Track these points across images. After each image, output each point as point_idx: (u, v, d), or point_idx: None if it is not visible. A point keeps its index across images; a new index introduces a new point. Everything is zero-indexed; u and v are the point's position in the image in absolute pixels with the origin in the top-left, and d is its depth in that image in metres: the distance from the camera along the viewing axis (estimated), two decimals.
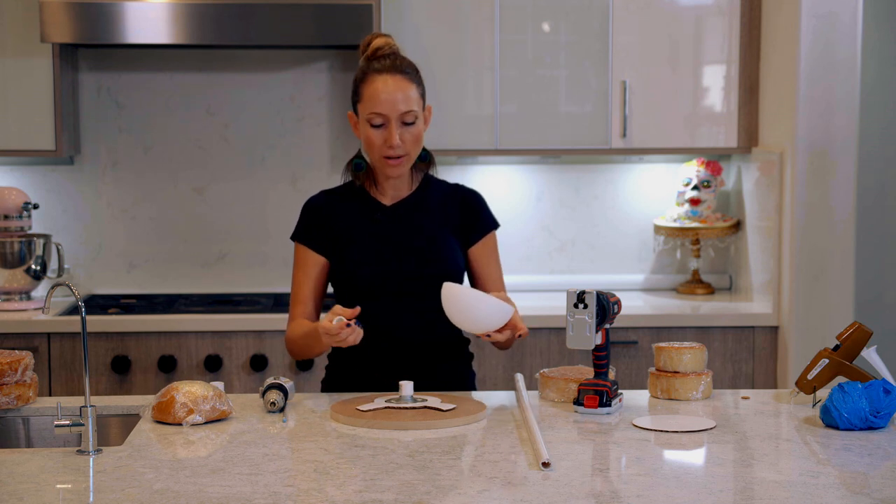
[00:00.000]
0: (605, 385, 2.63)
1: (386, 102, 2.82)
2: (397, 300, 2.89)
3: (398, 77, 2.84)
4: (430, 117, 2.93)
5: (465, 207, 2.98)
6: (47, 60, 4.24)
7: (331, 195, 3.00)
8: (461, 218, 2.97)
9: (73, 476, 2.19)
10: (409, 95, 2.84)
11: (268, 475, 2.18)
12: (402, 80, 2.84)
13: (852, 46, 4.07)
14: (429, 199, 2.96)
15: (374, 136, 2.85)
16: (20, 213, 4.30)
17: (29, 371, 2.70)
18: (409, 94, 2.84)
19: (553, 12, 4.37)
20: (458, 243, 2.95)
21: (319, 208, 2.97)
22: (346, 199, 2.97)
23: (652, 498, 2.05)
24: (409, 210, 2.94)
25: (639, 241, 4.73)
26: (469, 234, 2.97)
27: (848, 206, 4.11)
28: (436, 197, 2.97)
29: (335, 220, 2.94)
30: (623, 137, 4.38)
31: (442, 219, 2.95)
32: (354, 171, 2.96)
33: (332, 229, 2.93)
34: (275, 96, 4.59)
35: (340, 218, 2.94)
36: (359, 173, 2.96)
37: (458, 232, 2.95)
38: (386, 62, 2.86)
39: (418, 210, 2.94)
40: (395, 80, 2.84)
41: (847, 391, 2.48)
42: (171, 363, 4.08)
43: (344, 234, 2.92)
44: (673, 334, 4.16)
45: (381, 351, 2.90)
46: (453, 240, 2.94)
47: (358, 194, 2.96)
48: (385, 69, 2.85)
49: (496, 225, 3.01)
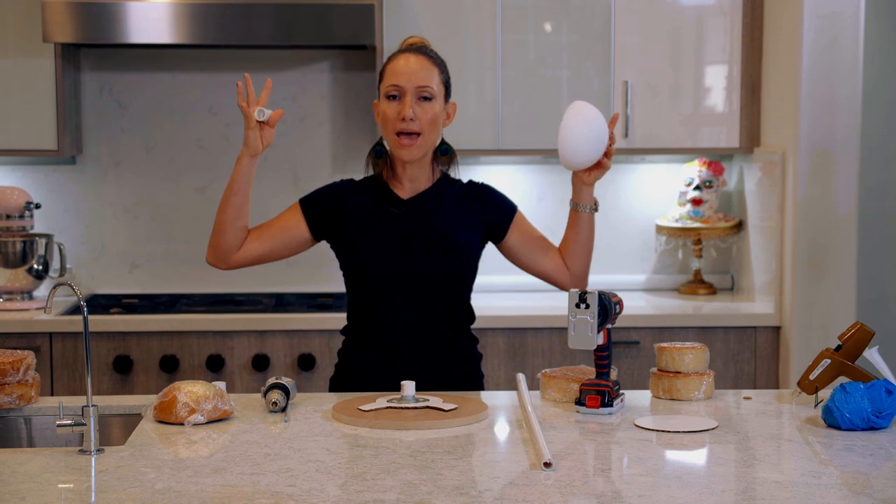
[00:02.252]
0: (607, 385, 2.63)
1: (403, 74, 2.84)
2: (410, 294, 2.88)
3: (421, 57, 2.88)
4: (453, 114, 2.94)
5: (482, 204, 2.97)
6: (49, 60, 4.24)
7: (356, 185, 2.99)
8: (482, 216, 2.96)
9: (75, 476, 2.19)
10: (428, 73, 2.86)
11: (269, 475, 2.18)
12: (425, 60, 2.88)
13: (854, 46, 4.07)
14: (447, 194, 2.95)
15: (389, 109, 2.85)
16: (22, 213, 4.31)
17: (31, 371, 2.70)
18: (429, 73, 2.86)
19: (555, 12, 4.37)
20: (478, 240, 2.94)
21: (341, 194, 2.96)
22: (365, 191, 2.96)
23: (653, 498, 2.05)
24: (427, 204, 2.93)
25: (641, 241, 4.73)
26: (497, 229, 2.97)
27: (850, 206, 4.11)
28: (453, 193, 2.96)
29: (350, 210, 2.93)
30: (625, 137, 4.38)
31: (459, 215, 2.94)
32: (375, 157, 2.96)
33: (343, 220, 2.92)
34: (277, 96, 4.59)
35: (356, 208, 2.93)
36: (378, 160, 2.96)
37: (481, 230, 2.95)
38: (412, 47, 2.91)
39: (435, 205, 2.93)
40: (418, 58, 2.88)
41: (849, 391, 2.48)
42: (172, 363, 4.08)
43: (358, 225, 2.91)
44: (675, 334, 4.16)
45: (391, 346, 2.90)
46: (471, 236, 2.93)
47: (377, 186, 2.96)
48: (410, 50, 2.90)
49: (515, 207, 3.02)
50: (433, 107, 2.86)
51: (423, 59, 2.87)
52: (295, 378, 4.05)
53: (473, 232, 2.93)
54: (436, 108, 2.86)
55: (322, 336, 4.11)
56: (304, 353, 4.11)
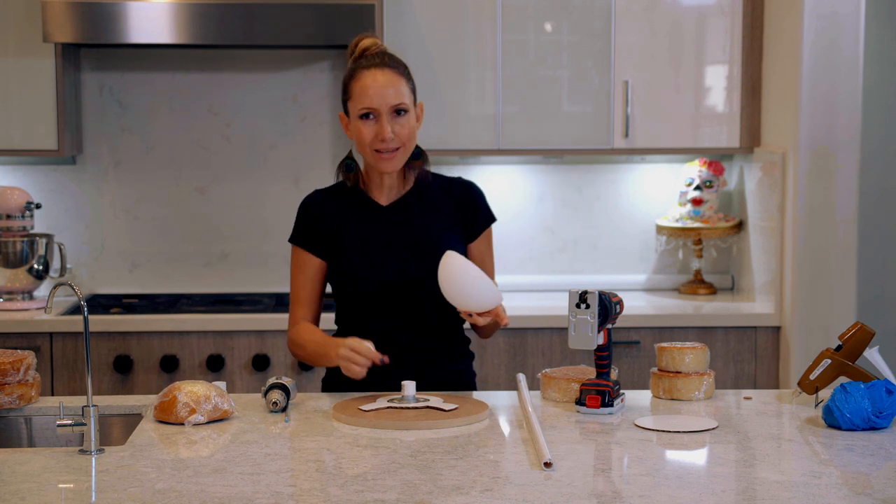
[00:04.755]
0: (608, 385, 2.63)
1: (376, 96, 2.81)
2: (397, 301, 2.88)
3: (387, 71, 2.84)
4: (422, 114, 2.92)
5: (463, 202, 2.96)
6: (50, 60, 4.24)
7: (327, 195, 2.98)
8: (460, 213, 2.95)
9: (76, 475, 2.19)
10: (399, 89, 2.83)
11: (270, 475, 2.18)
12: (392, 74, 2.84)
13: (855, 46, 4.07)
14: (425, 197, 2.95)
15: (365, 130, 2.83)
16: (22, 213, 4.31)
17: (31, 371, 2.70)
18: (399, 88, 2.83)
19: (555, 12, 4.37)
20: (458, 238, 2.94)
21: (316, 209, 2.95)
22: (342, 199, 2.95)
23: (654, 498, 2.05)
24: (407, 210, 2.93)
25: (641, 242, 4.73)
26: (469, 229, 2.96)
27: (850, 206, 4.11)
28: (432, 194, 2.95)
29: (332, 220, 2.92)
30: (625, 137, 4.38)
31: (440, 216, 2.93)
32: (345, 171, 2.95)
33: (329, 229, 2.92)
34: (277, 96, 4.59)
35: (337, 218, 2.92)
36: (349, 174, 2.94)
37: (458, 227, 2.94)
38: (374, 59, 2.86)
39: (416, 209, 2.93)
40: (385, 73, 2.83)
41: (849, 391, 2.48)
42: (173, 363, 4.08)
43: (341, 234, 2.91)
44: (675, 334, 4.16)
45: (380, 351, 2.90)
46: (452, 235, 2.92)
47: (354, 194, 2.95)
48: (374, 64, 2.85)
49: (493, 219, 3.01)
50: (409, 119, 2.84)
51: (390, 73, 2.83)
52: (295, 378, 4.05)
53: (453, 230, 2.92)
54: (411, 120, 2.85)
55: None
56: None
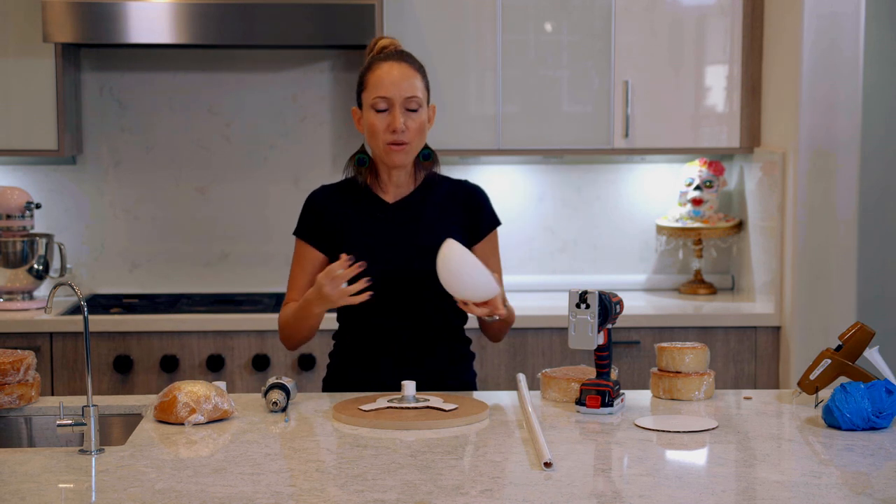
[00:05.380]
0: (608, 385, 2.63)
1: (390, 86, 2.83)
2: (399, 298, 2.88)
3: (403, 65, 2.87)
4: (434, 115, 2.94)
5: (468, 205, 2.98)
6: (50, 60, 4.24)
7: (333, 190, 2.99)
8: (465, 216, 2.96)
9: (76, 475, 2.19)
10: (413, 83, 2.85)
11: (270, 475, 2.18)
12: (408, 68, 2.87)
13: (855, 46, 4.07)
14: (432, 196, 2.95)
15: (378, 121, 2.84)
16: (22, 213, 4.30)
17: (31, 371, 2.70)
18: (413, 82, 2.85)
19: (555, 12, 4.37)
20: (462, 239, 2.94)
21: (321, 204, 2.96)
22: (348, 196, 2.96)
23: (654, 498, 2.05)
24: (413, 208, 2.93)
25: (641, 242, 4.73)
26: (473, 232, 2.96)
27: (850, 206, 4.11)
28: (439, 194, 2.96)
29: (337, 217, 2.93)
30: (625, 137, 4.38)
31: (445, 216, 2.94)
32: (357, 165, 2.95)
33: (333, 225, 2.93)
34: (277, 96, 4.59)
35: (342, 215, 2.93)
36: (362, 168, 2.95)
37: (463, 229, 2.95)
38: (392, 54, 2.90)
39: (421, 208, 2.93)
40: (401, 66, 2.87)
41: (849, 391, 2.48)
42: (173, 363, 4.08)
43: (345, 230, 2.92)
44: (675, 334, 4.16)
45: (382, 349, 2.90)
46: (457, 237, 2.92)
47: (360, 191, 2.95)
48: (391, 58, 2.88)
49: (498, 223, 3.01)
50: (420, 116, 2.86)
51: (406, 67, 2.87)
52: (295, 378, 4.05)
53: (458, 231, 2.93)
54: (423, 116, 2.87)
55: (322, 336, 4.08)
56: (304, 353, 4.11)
